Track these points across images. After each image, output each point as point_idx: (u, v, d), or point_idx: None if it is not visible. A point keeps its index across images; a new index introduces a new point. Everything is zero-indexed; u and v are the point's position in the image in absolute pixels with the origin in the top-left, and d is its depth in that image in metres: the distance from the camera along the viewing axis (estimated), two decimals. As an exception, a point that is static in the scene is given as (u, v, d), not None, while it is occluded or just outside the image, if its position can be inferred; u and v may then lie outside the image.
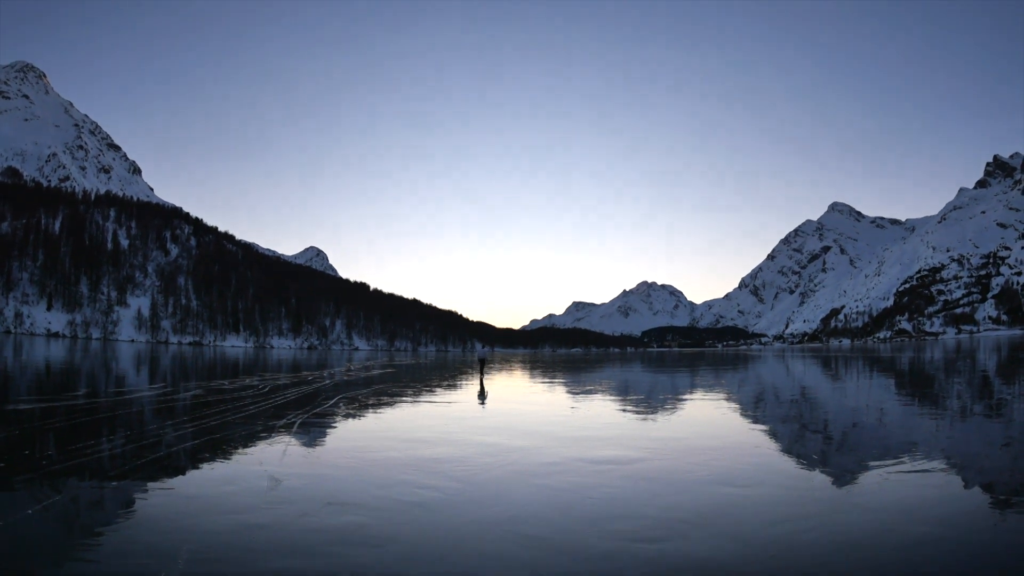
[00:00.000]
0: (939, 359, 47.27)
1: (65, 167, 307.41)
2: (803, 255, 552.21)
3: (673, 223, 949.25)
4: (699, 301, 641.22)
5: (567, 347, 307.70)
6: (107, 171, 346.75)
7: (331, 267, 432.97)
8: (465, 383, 28.23)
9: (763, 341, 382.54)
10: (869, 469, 8.66)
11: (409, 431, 12.80)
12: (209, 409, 15.09)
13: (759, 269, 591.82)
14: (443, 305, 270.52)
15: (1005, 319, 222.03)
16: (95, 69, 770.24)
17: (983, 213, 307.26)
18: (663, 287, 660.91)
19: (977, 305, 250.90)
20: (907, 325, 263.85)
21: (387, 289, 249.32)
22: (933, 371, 33.65)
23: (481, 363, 35.37)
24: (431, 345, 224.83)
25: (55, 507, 6.79)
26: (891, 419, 14.43)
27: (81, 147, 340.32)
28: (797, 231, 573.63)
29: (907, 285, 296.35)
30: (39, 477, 8.05)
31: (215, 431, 11.81)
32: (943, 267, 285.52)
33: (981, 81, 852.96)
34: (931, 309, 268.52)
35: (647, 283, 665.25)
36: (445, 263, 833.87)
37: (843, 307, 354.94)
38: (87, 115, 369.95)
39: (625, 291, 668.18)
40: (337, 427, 13.35)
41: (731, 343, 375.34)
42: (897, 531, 5.93)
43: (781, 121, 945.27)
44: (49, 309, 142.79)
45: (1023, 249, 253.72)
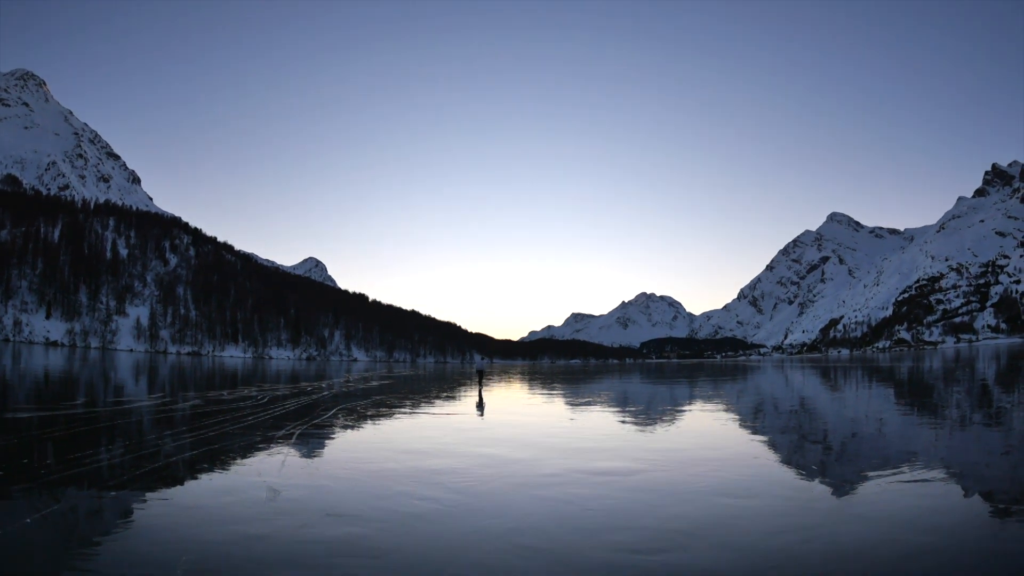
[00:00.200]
0: (938, 368, 47.24)
1: (65, 175, 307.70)
2: (802, 265, 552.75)
3: (672, 234, 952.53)
4: (698, 312, 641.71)
5: (566, 358, 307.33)
6: (106, 180, 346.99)
7: (330, 278, 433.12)
8: (464, 395, 28.19)
9: (762, 352, 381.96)
10: (868, 479, 8.66)
11: (408, 442, 12.78)
12: (208, 420, 15.06)
13: (758, 280, 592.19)
14: (442, 316, 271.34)
15: (1004, 327, 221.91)
16: (95, 78, 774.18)
17: (982, 222, 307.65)
18: (662, 298, 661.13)
19: (976, 314, 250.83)
20: (906, 335, 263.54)
21: (386, 300, 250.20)
22: (932, 380, 33.63)
23: (479, 375, 35.40)
24: (430, 356, 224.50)
25: (53, 516, 6.77)
26: (890, 429, 14.41)
27: (81, 156, 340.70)
28: (796, 241, 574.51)
29: (906, 295, 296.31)
30: (38, 486, 8.03)
31: (214, 442, 11.80)
32: (942, 276, 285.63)
33: (979, 90, 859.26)
34: (930, 318, 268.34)
35: (646, 294, 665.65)
36: (444, 274, 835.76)
37: (842, 317, 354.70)
38: (87, 124, 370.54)
39: (624, 302, 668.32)
40: (336, 438, 13.34)
41: (730, 354, 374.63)
42: (897, 541, 5.93)
43: (779, 132, 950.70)
44: (48, 318, 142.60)
45: (1022, 257, 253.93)
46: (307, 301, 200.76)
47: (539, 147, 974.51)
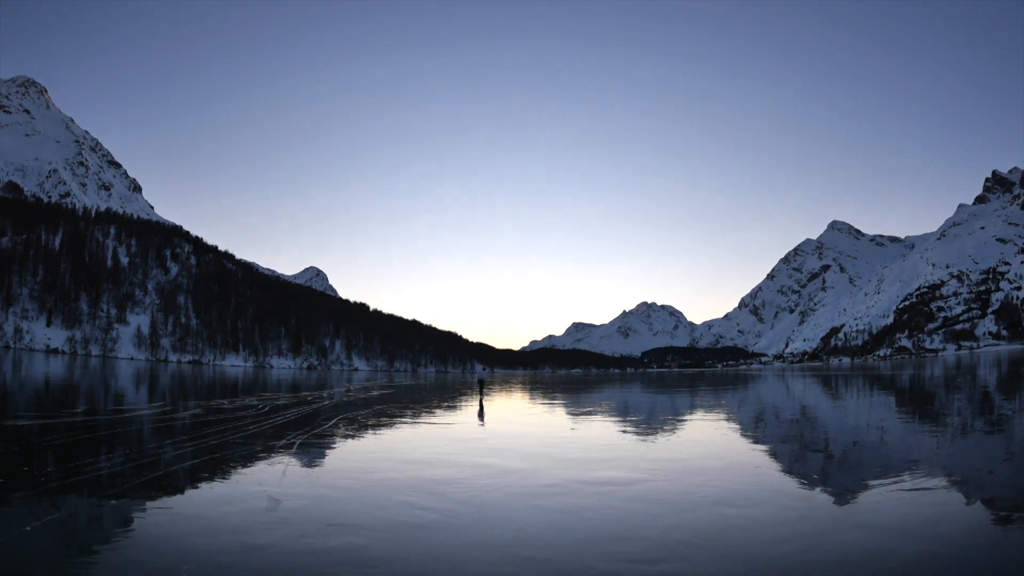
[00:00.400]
0: (939, 376, 47.12)
1: (66, 183, 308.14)
2: (803, 274, 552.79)
3: (673, 244, 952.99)
4: (699, 321, 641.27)
5: (567, 368, 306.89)
6: (107, 188, 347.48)
7: (331, 287, 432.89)
8: (465, 404, 28.17)
9: (763, 360, 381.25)
10: (870, 488, 8.65)
11: (409, 452, 12.76)
12: (208, 428, 15.06)
13: (759, 289, 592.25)
14: (443, 326, 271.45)
15: (1005, 334, 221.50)
16: (96, 86, 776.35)
17: (982, 229, 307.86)
18: (663, 308, 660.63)
19: (977, 321, 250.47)
20: (907, 342, 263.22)
21: (387, 310, 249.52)
22: (933, 388, 33.54)
23: (480, 384, 35.48)
24: (431, 366, 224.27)
25: (53, 524, 6.77)
26: (891, 437, 14.38)
27: (82, 163, 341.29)
28: (796, 250, 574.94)
29: (907, 302, 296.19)
30: (38, 494, 8.03)
31: (214, 451, 11.79)
32: (943, 283, 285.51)
33: (979, 97, 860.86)
34: (931, 326, 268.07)
35: (647, 304, 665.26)
36: (445, 284, 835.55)
37: (843, 325, 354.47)
38: (88, 131, 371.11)
39: (625, 312, 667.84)
40: (337, 448, 13.33)
41: (731, 363, 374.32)
42: (898, 550, 5.92)
43: (780, 141, 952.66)
44: (49, 325, 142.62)
45: (1022, 264, 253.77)
46: (308, 310, 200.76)
47: (540, 158, 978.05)
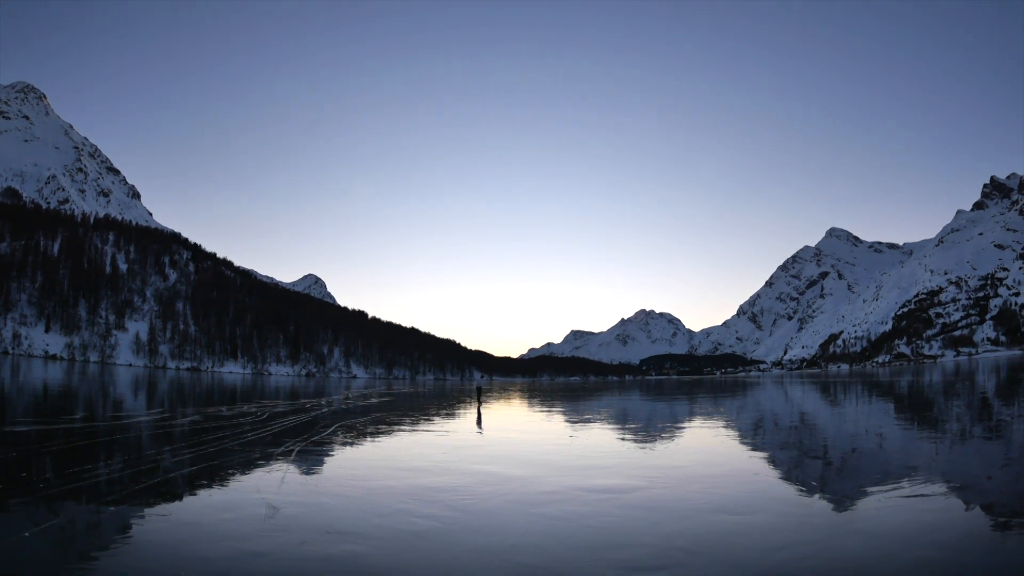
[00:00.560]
0: (938, 382, 47.12)
1: (64, 189, 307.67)
2: (801, 281, 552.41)
3: (671, 251, 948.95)
4: (697, 329, 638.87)
5: (566, 376, 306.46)
6: (106, 195, 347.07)
7: (329, 295, 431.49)
8: (463, 412, 28.16)
9: (762, 368, 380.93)
10: (868, 494, 8.65)
11: (407, 460, 12.75)
12: (207, 436, 15.03)
13: (757, 296, 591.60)
14: (441, 334, 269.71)
15: (1004, 340, 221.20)
16: (95, 92, 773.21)
17: (981, 235, 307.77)
18: (661, 315, 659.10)
19: (975, 327, 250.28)
20: (906, 349, 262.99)
21: (385, 317, 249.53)
22: (932, 394, 33.56)
23: (478, 392, 35.62)
24: (429, 373, 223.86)
25: (52, 530, 6.77)
26: (890, 443, 14.39)
27: (80, 170, 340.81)
28: (795, 257, 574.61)
29: (905, 309, 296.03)
30: (36, 500, 8.03)
31: (213, 458, 11.77)
32: (941, 290, 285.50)
33: (977, 103, 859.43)
34: (929, 332, 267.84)
35: (645, 311, 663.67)
36: (443, 292, 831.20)
37: (841, 332, 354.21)
38: (87, 138, 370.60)
39: (623, 319, 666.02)
40: (335, 455, 13.31)
41: (730, 370, 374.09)
42: (896, 557, 5.92)
43: (777, 148, 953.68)
44: (47, 331, 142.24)
45: (1021, 270, 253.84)
46: (306, 318, 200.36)
47: (538, 165, 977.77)
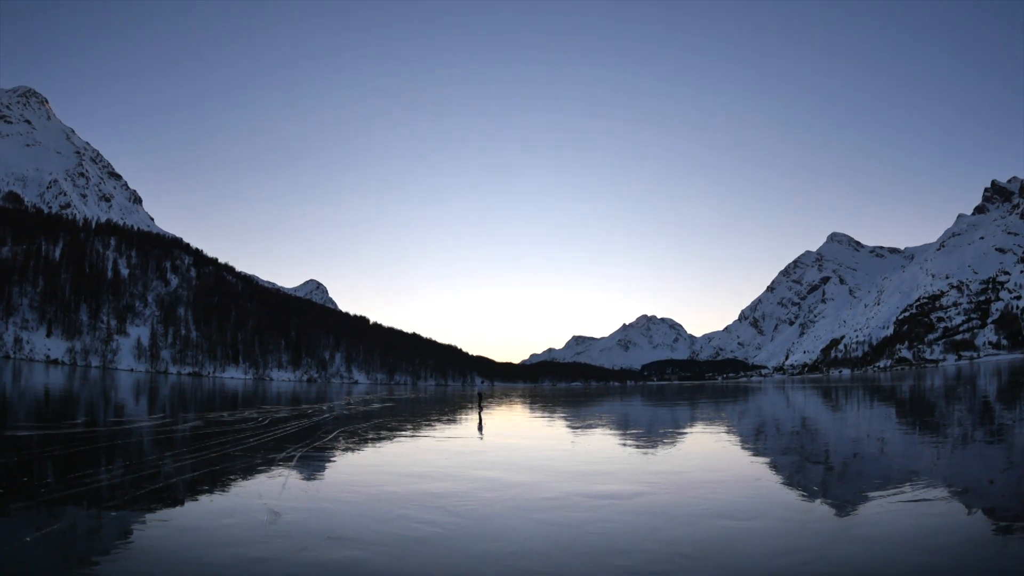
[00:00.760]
0: (939, 386, 47.01)
1: (66, 194, 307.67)
2: (802, 286, 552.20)
3: (672, 257, 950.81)
4: (699, 334, 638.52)
5: (567, 381, 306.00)
6: (108, 200, 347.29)
7: (331, 300, 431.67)
8: (464, 417, 28.14)
9: (763, 373, 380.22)
10: (870, 499, 8.63)
11: (409, 465, 12.74)
12: (209, 441, 15.04)
13: (759, 301, 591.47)
14: (443, 339, 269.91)
15: (1005, 344, 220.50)
16: (97, 97, 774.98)
17: (982, 239, 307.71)
18: (663, 320, 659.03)
19: (977, 331, 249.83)
20: (907, 353, 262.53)
21: (387, 323, 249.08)
22: (933, 398, 33.49)
23: (479, 398, 35.72)
24: (431, 379, 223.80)
25: (53, 536, 6.78)
26: (892, 448, 14.36)
27: (82, 174, 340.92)
28: (796, 262, 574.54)
29: (907, 313, 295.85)
30: (37, 505, 8.04)
31: (214, 463, 11.78)
32: (942, 294, 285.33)
33: (977, 107, 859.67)
34: (931, 336, 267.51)
35: (647, 317, 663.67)
36: (445, 297, 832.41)
37: (843, 337, 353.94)
38: (88, 143, 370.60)
39: (625, 325, 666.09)
40: (337, 461, 13.31)
41: (731, 375, 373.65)
42: (898, 562, 5.91)
43: (778, 153, 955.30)
44: (49, 336, 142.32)
45: (1022, 273, 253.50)
46: (308, 323, 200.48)
47: (540, 171, 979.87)
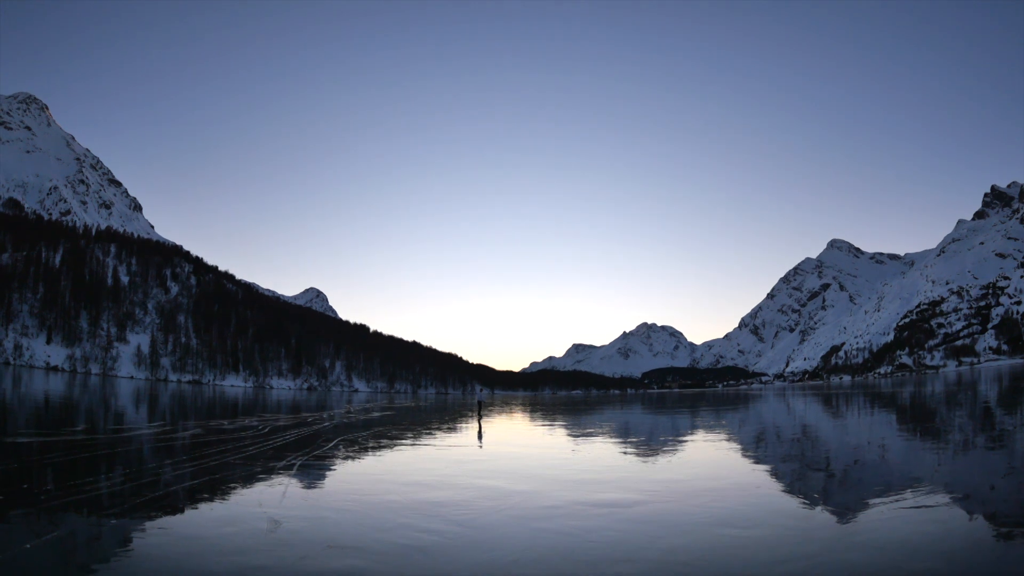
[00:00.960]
0: (940, 392, 46.94)
1: (66, 201, 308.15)
2: (803, 293, 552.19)
3: (673, 265, 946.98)
4: (699, 342, 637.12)
5: (567, 389, 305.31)
6: (108, 207, 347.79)
7: (331, 308, 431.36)
8: (465, 426, 28.11)
9: (764, 380, 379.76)
10: (871, 506, 8.63)
11: (409, 474, 12.73)
12: (209, 449, 15.01)
13: (759, 308, 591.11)
14: (443, 348, 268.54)
15: (1006, 349, 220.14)
16: (97, 104, 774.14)
17: (982, 244, 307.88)
18: (663, 328, 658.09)
19: (977, 336, 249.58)
20: (907, 359, 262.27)
21: (387, 331, 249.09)
22: (934, 405, 33.45)
23: (479, 406, 35.75)
24: (431, 387, 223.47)
25: (53, 543, 6.77)
26: (892, 454, 14.34)
27: (82, 181, 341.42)
28: (796, 269, 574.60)
29: (907, 319, 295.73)
30: (37, 512, 8.03)
31: (214, 471, 11.76)
32: (943, 300, 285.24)
33: (977, 112, 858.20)
34: (931, 342, 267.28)
35: (647, 324, 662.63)
36: (445, 306, 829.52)
37: (843, 344, 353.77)
38: (89, 149, 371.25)
39: (625, 333, 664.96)
40: (337, 469, 13.29)
41: (732, 383, 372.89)
42: (900, 569, 5.90)
43: (778, 160, 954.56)
44: (48, 342, 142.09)
45: (1022, 278, 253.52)
46: (308, 331, 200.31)
47: (540, 179, 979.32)
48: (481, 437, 21.75)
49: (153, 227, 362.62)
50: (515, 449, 18.46)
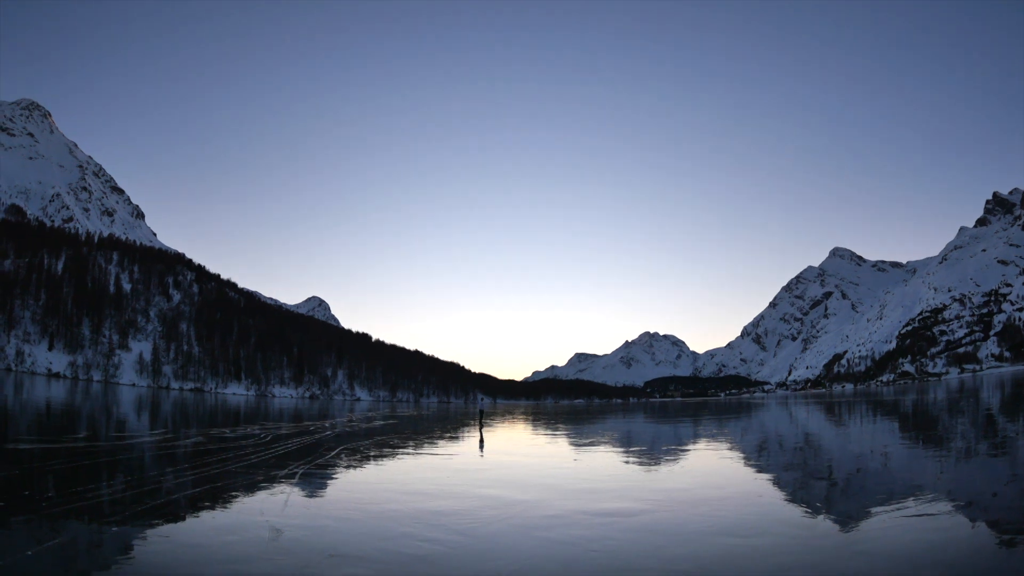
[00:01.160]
0: (942, 400, 46.76)
1: (69, 208, 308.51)
2: (805, 301, 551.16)
3: (675, 274, 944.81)
4: (701, 350, 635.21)
5: (569, 398, 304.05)
6: (110, 214, 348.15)
7: (333, 317, 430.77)
8: (466, 435, 28.07)
9: (766, 389, 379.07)
10: (873, 515, 8.61)
11: (411, 483, 12.72)
12: (210, 457, 15.01)
13: (761, 317, 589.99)
14: (445, 357, 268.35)
15: (1008, 356, 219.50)
16: (100, 111, 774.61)
17: (984, 251, 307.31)
18: (665, 337, 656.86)
19: (980, 343, 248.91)
20: (910, 367, 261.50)
21: (389, 340, 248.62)
22: (936, 412, 33.32)
23: (480, 415, 35.74)
24: (433, 396, 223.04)
25: (54, 549, 6.78)
26: (895, 462, 14.29)
27: (85, 188, 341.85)
28: (798, 278, 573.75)
29: (909, 327, 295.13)
30: (39, 518, 8.04)
31: (216, 479, 11.76)
32: (945, 307, 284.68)
33: (978, 119, 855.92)
34: (934, 350, 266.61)
35: (649, 333, 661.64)
36: (447, 315, 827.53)
37: (846, 352, 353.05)
38: (91, 157, 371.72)
39: (627, 342, 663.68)
40: (339, 478, 13.28)
41: (734, 392, 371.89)
42: (901, 581, 5.89)
43: (779, 169, 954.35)
44: (50, 349, 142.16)
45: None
46: (310, 340, 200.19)
47: (542, 189, 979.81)
48: (483, 446, 21.72)
49: (156, 235, 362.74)
50: (517, 458, 18.43)
